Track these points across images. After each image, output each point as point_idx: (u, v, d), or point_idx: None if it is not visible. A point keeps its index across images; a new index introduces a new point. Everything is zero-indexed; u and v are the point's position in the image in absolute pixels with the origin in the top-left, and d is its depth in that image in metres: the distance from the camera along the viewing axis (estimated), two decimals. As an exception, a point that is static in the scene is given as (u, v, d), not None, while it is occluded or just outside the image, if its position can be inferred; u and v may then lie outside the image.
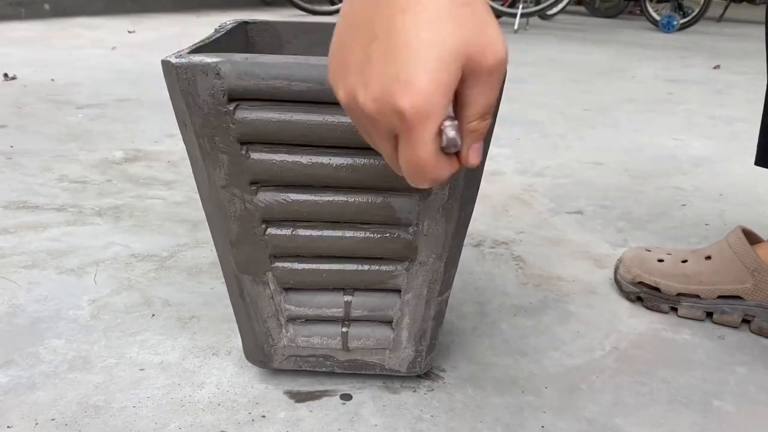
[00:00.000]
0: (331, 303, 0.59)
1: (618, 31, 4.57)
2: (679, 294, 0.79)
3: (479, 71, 0.32)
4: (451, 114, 0.34)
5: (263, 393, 0.64)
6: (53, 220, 1.02)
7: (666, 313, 0.81)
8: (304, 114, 0.50)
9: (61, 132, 1.50)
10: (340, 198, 0.54)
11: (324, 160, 0.52)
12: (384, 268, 0.58)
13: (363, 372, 0.65)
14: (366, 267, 0.58)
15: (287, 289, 0.59)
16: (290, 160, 0.52)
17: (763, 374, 0.71)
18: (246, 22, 0.72)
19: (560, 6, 4.49)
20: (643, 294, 0.82)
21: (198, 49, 0.54)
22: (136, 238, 0.97)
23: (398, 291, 0.59)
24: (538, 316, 0.80)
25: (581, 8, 6.11)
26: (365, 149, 0.52)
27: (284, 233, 0.56)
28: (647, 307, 0.82)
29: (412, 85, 0.31)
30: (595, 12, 5.81)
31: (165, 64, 0.49)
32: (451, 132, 0.33)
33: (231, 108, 0.50)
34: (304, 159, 0.52)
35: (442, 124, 0.33)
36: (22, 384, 0.64)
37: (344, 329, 0.61)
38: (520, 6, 4.19)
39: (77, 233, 0.98)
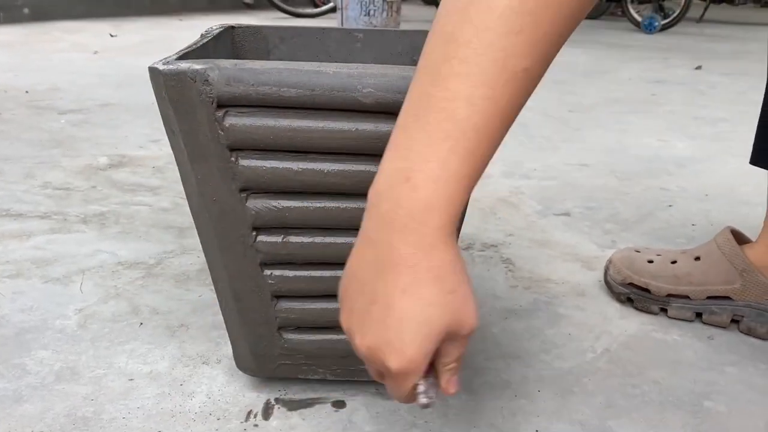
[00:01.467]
0: (323, 310, 0.59)
1: (600, 32, 4.61)
2: (668, 295, 0.80)
3: (456, 338, 0.40)
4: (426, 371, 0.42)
5: (255, 401, 0.63)
6: (37, 228, 1.00)
7: (656, 314, 0.81)
8: (294, 120, 0.50)
9: (43, 138, 1.48)
10: (331, 204, 0.53)
11: (314, 166, 0.52)
12: None
13: (356, 379, 0.64)
14: None
15: (279, 297, 0.59)
16: (280, 166, 0.52)
17: (753, 374, 0.71)
18: (233, 27, 0.72)
19: (543, 8, 4.51)
20: (633, 295, 0.82)
21: (185, 55, 0.54)
22: (123, 246, 0.96)
23: None
24: (528, 319, 0.80)
25: (563, 10, 6.15)
26: (355, 155, 0.51)
27: (275, 240, 0.55)
28: (637, 309, 0.82)
29: (402, 353, 0.38)
30: (577, 13, 5.85)
31: (152, 71, 0.49)
32: (422, 388, 0.42)
33: (220, 115, 0.49)
34: (295, 165, 0.52)
35: (419, 379, 0.41)
36: (9, 396, 0.63)
37: (337, 336, 0.61)
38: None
39: (62, 241, 0.97)
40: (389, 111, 0.49)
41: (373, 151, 0.51)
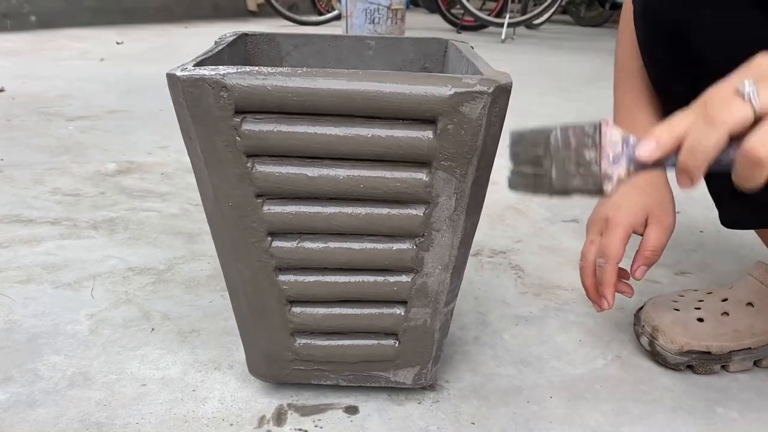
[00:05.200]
0: (336, 315, 0.59)
1: (604, 39, 4.61)
2: (731, 352, 0.72)
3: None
4: None
5: (267, 407, 0.63)
6: (47, 234, 1.01)
7: (717, 373, 0.73)
8: (310, 126, 0.50)
9: (52, 144, 1.49)
10: (345, 210, 0.54)
11: (329, 172, 0.52)
12: (390, 279, 0.57)
13: (368, 384, 0.64)
14: (372, 279, 0.57)
15: (293, 302, 0.59)
16: (296, 172, 0.52)
17: (765, 380, 0.71)
18: (246, 35, 0.72)
19: (546, 15, 4.53)
20: (695, 361, 0.72)
21: (201, 62, 0.54)
22: (133, 251, 0.96)
23: (404, 302, 0.59)
24: (539, 325, 0.80)
25: (567, 17, 6.17)
26: (370, 161, 0.52)
27: (290, 246, 0.55)
28: (698, 373, 0.72)
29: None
30: (580, 21, 5.86)
31: (170, 77, 0.49)
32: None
33: (237, 121, 0.50)
34: (310, 171, 0.52)
35: None
36: (22, 401, 0.63)
37: (349, 341, 0.61)
38: (507, 16, 4.21)
39: (72, 247, 0.97)
40: (403, 117, 0.50)
41: (388, 157, 0.51)
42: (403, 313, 0.59)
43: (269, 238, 0.55)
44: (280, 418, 0.62)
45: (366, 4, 3.28)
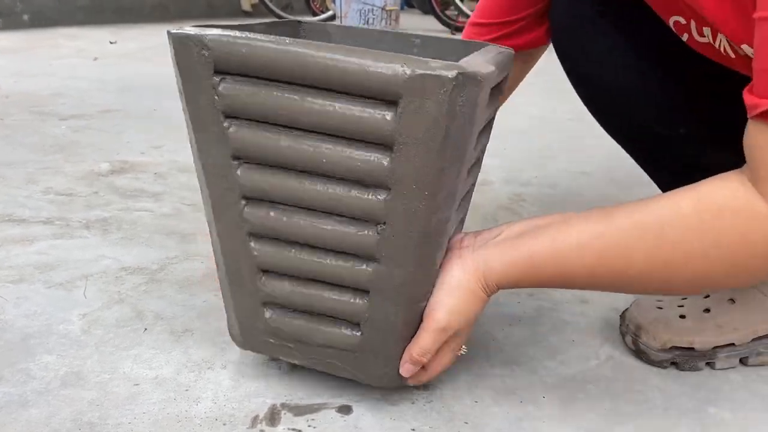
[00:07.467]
0: (303, 293, 0.59)
1: (598, 41, 4.62)
2: (715, 347, 0.73)
3: None
4: None
5: (261, 407, 0.63)
6: (40, 233, 1.00)
7: (701, 370, 0.73)
8: (284, 93, 0.51)
9: (45, 143, 1.48)
10: (313, 185, 0.54)
11: (301, 143, 0.53)
12: (352, 265, 0.57)
13: (331, 372, 0.63)
14: (336, 262, 0.57)
15: (265, 271, 0.59)
16: (267, 138, 0.53)
17: (757, 380, 0.71)
18: (298, 23, 0.76)
19: (541, 17, 4.54)
20: (678, 358, 0.73)
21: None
22: (126, 251, 0.96)
23: (366, 292, 0.58)
24: (532, 325, 0.81)
25: (561, 19, 6.18)
26: (333, 136, 0.52)
27: (262, 213, 0.56)
28: (683, 370, 0.73)
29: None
30: (574, 23, 5.88)
31: (168, 34, 0.52)
32: None
33: (216, 80, 0.51)
34: (282, 140, 0.53)
35: None
36: (14, 401, 0.63)
37: (315, 324, 0.60)
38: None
39: (65, 246, 0.97)
40: (366, 94, 0.50)
41: (348, 134, 0.51)
42: (365, 303, 0.58)
43: (243, 202, 0.56)
44: (273, 417, 0.62)
45: (360, 5, 3.29)
